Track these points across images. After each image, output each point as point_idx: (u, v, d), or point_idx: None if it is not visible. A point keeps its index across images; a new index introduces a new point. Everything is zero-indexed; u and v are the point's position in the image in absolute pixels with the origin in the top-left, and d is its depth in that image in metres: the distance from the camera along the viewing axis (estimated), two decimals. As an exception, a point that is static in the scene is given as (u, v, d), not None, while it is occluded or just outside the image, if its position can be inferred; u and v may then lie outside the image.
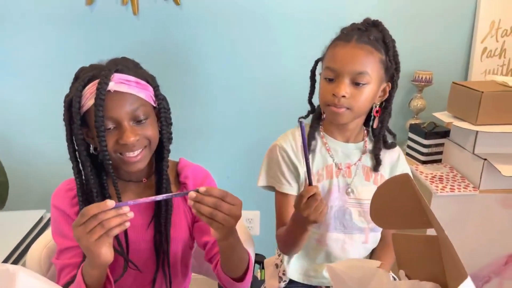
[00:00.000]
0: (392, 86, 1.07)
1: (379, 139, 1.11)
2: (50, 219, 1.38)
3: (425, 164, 1.66)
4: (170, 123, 0.94)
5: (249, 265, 0.92)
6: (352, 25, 1.06)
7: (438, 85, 1.78)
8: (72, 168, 0.89)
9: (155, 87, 0.91)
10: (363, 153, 1.12)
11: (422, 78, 1.75)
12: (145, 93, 0.87)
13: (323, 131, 1.13)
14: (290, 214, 1.04)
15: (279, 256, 1.24)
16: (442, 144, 1.67)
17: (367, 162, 1.12)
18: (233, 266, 0.90)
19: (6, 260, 1.16)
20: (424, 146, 1.64)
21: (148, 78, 0.90)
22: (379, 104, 1.08)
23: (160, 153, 0.93)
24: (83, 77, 0.85)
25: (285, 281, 1.18)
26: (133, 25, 1.71)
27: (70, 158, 0.88)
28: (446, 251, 0.54)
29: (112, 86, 0.82)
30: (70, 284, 0.86)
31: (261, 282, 1.31)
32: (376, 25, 1.05)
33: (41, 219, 1.36)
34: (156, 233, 0.94)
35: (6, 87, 1.76)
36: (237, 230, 0.84)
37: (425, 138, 1.63)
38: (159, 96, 0.91)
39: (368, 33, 1.01)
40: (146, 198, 0.76)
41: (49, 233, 1.08)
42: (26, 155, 1.84)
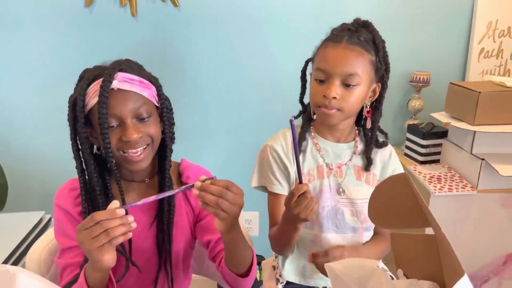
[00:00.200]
0: (382, 87, 1.08)
1: (370, 139, 1.11)
2: (49, 220, 1.39)
3: (423, 164, 1.67)
4: (172, 123, 0.95)
5: (253, 260, 0.92)
6: (342, 26, 1.06)
7: (436, 85, 1.79)
8: (75, 167, 0.90)
9: (158, 87, 0.92)
10: (354, 153, 1.12)
11: (419, 78, 1.76)
12: (148, 92, 0.89)
13: (314, 131, 1.13)
14: (282, 213, 1.04)
15: (276, 257, 1.25)
16: (440, 145, 1.67)
17: (358, 161, 1.12)
18: (237, 261, 0.90)
19: (5, 261, 1.16)
20: (422, 146, 1.65)
21: (151, 79, 0.92)
22: (370, 104, 1.09)
23: (162, 153, 0.95)
24: (87, 76, 0.86)
25: (282, 282, 1.18)
26: (131, 26, 1.71)
27: (74, 157, 0.89)
28: (443, 250, 0.55)
29: (116, 84, 0.83)
30: (72, 284, 0.86)
31: (260, 283, 1.31)
32: (366, 25, 1.05)
33: (40, 220, 1.36)
34: (159, 232, 0.95)
35: (5, 88, 1.76)
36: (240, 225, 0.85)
37: (423, 138, 1.64)
38: (162, 96, 0.93)
39: (358, 34, 1.01)
40: (154, 196, 0.77)
41: (49, 234, 1.08)
42: (25, 156, 1.84)
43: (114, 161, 0.86)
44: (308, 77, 1.12)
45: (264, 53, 1.78)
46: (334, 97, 0.98)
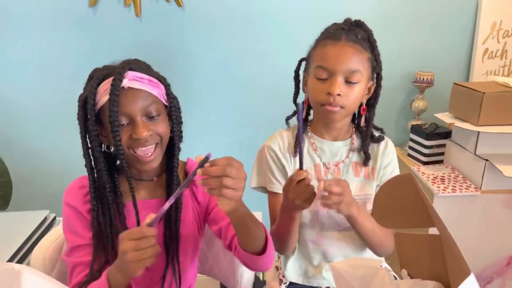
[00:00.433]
0: (377, 84, 1.08)
1: (366, 136, 1.11)
2: (54, 219, 1.39)
3: (426, 165, 1.66)
4: (180, 122, 0.96)
5: (267, 236, 0.90)
6: (336, 25, 1.06)
7: (440, 86, 1.78)
8: (85, 165, 0.91)
9: (167, 86, 0.93)
10: (351, 150, 1.12)
11: (423, 79, 1.76)
12: (157, 91, 0.90)
13: (310, 131, 1.13)
14: None
15: (279, 258, 1.25)
16: (444, 145, 1.67)
17: (355, 158, 1.12)
18: (250, 240, 0.89)
19: (11, 259, 1.17)
20: (426, 147, 1.65)
21: (160, 78, 0.93)
22: (365, 102, 1.09)
23: (170, 152, 0.96)
24: (97, 75, 0.87)
25: (285, 283, 1.19)
26: (135, 26, 1.72)
27: (84, 155, 0.90)
28: (449, 249, 0.55)
29: (126, 82, 0.84)
30: (85, 284, 0.87)
31: (263, 283, 1.32)
32: (359, 25, 1.05)
33: (45, 219, 1.36)
34: (166, 230, 0.96)
35: (10, 88, 1.77)
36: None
37: (426, 139, 1.64)
38: (170, 95, 0.94)
39: (355, 32, 1.02)
40: (167, 203, 0.77)
41: (54, 233, 1.09)
42: (29, 156, 1.85)
43: (124, 158, 0.87)
44: (301, 78, 1.12)
45: (267, 54, 1.79)
46: (339, 94, 0.99)
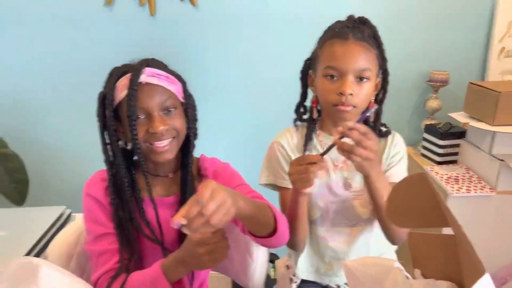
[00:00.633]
0: (384, 80, 1.08)
1: (373, 130, 1.09)
2: (70, 215, 1.42)
3: (440, 165, 1.65)
4: (196, 119, 0.98)
5: (275, 216, 0.89)
6: (340, 23, 1.05)
7: (454, 85, 1.77)
8: (104, 161, 0.94)
9: (183, 84, 0.96)
10: None
11: (438, 78, 1.74)
12: (174, 87, 0.92)
13: (318, 129, 1.14)
14: None
15: (289, 257, 1.25)
16: (458, 145, 1.65)
17: None
18: (259, 228, 0.88)
19: (27, 254, 1.19)
20: (440, 146, 1.63)
21: (177, 75, 0.95)
22: (373, 99, 1.09)
23: (185, 149, 0.97)
24: (116, 72, 0.90)
25: (295, 282, 1.19)
26: (150, 25, 1.74)
27: (102, 150, 0.93)
28: (464, 250, 0.54)
29: (144, 78, 0.87)
30: (118, 274, 0.89)
31: (273, 282, 1.32)
32: (363, 21, 1.05)
33: (61, 215, 1.38)
34: None
35: (27, 86, 1.80)
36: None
37: (441, 138, 1.62)
38: (187, 92, 0.96)
39: (361, 30, 1.01)
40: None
41: (70, 228, 1.11)
42: (46, 153, 1.88)
43: (141, 152, 0.90)
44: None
45: (281, 52, 1.78)
46: (351, 94, 0.98)
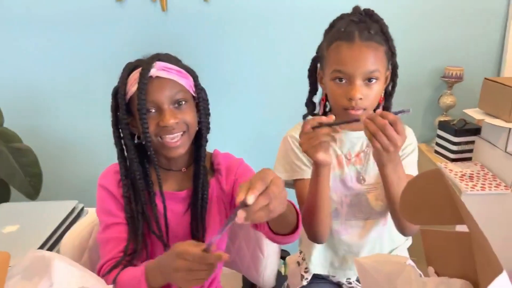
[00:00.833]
0: (393, 73, 1.06)
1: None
2: (82, 209, 1.43)
3: (454, 162, 1.63)
4: (208, 113, 0.99)
5: (297, 212, 0.88)
6: (345, 18, 1.02)
7: (469, 81, 1.74)
8: (117, 155, 0.95)
9: (195, 78, 0.96)
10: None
11: (452, 74, 1.71)
12: (185, 81, 0.92)
13: None
14: None
15: (300, 253, 1.25)
16: (473, 142, 1.63)
17: None
18: (284, 226, 0.87)
19: (40, 248, 1.20)
20: (454, 143, 1.61)
21: (189, 70, 0.96)
22: (383, 94, 1.07)
23: (198, 143, 0.98)
24: (128, 66, 0.92)
25: (306, 278, 1.18)
26: (161, 21, 1.74)
27: (115, 144, 0.95)
28: (479, 246, 0.53)
29: (154, 72, 0.88)
30: (118, 265, 0.89)
31: (285, 278, 1.32)
32: (369, 15, 1.02)
33: (73, 209, 1.40)
34: (193, 220, 0.98)
35: (41, 81, 1.83)
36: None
37: (455, 135, 1.60)
38: (198, 86, 0.96)
39: (367, 27, 0.98)
40: (215, 236, 0.73)
41: (82, 222, 1.12)
42: (59, 147, 1.90)
43: (152, 148, 0.90)
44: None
45: (294, 48, 1.77)
46: (360, 98, 0.98)
